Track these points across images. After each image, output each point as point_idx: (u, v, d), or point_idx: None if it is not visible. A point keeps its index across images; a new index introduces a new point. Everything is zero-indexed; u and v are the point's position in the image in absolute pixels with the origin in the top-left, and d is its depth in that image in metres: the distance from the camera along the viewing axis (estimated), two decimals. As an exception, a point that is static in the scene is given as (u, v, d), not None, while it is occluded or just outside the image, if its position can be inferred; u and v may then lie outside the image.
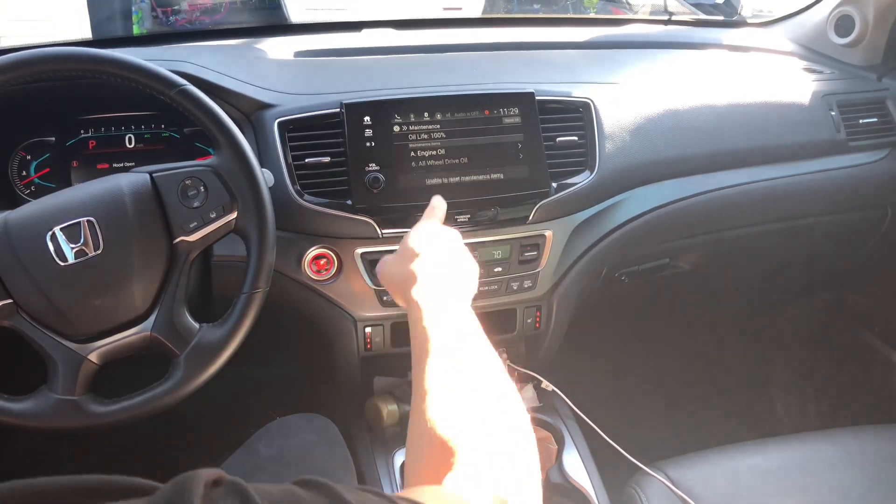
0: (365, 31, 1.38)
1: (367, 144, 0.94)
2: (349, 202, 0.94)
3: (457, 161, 0.96)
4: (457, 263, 0.74)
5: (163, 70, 0.79)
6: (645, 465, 1.00)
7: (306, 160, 0.94)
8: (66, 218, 0.74)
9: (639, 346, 1.74)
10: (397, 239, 0.96)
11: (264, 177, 0.81)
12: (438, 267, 0.72)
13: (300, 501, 0.35)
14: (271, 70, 1.13)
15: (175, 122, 1.07)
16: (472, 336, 0.65)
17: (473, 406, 0.57)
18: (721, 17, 1.71)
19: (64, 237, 0.73)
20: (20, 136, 1.03)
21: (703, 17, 1.72)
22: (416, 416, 0.57)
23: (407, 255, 0.75)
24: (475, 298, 1.01)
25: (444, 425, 0.54)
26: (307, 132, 0.96)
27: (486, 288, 1.01)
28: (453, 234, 0.79)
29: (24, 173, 1.04)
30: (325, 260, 0.97)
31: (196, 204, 0.78)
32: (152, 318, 0.77)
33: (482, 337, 0.65)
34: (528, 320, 1.07)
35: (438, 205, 0.85)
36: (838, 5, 1.41)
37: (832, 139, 1.25)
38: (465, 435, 0.54)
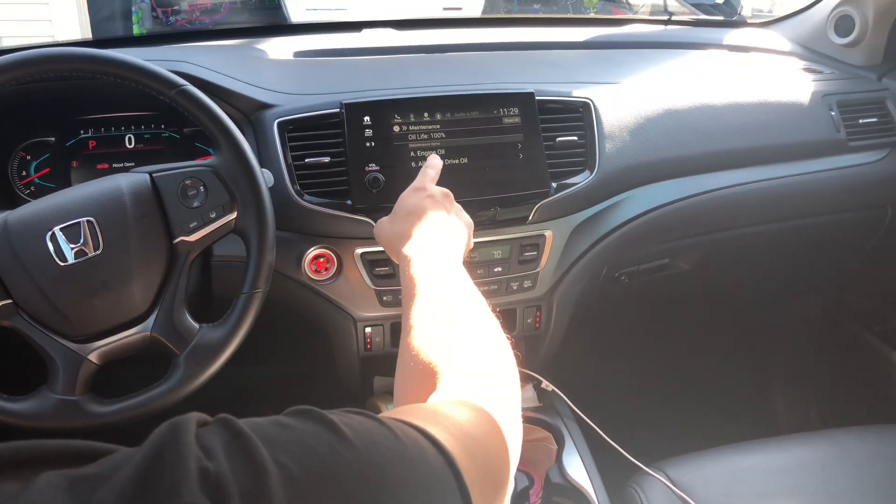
0: (365, 31, 1.38)
1: (367, 144, 0.94)
2: (349, 202, 0.94)
3: (457, 161, 0.96)
4: (447, 219, 0.77)
5: (163, 70, 0.79)
6: (645, 465, 1.00)
7: (306, 160, 0.94)
8: (66, 218, 0.74)
9: (639, 346, 1.74)
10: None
11: (264, 177, 0.81)
12: (429, 224, 0.75)
13: (288, 427, 0.36)
14: (271, 70, 1.13)
15: (175, 122, 1.07)
16: (457, 279, 0.67)
17: (455, 332, 0.60)
18: (721, 17, 1.71)
19: (64, 237, 0.73)
20: (20, 136, 1.03)
21: (702, 17, 1.72)
22: (402, 348, 0.60)
23: (399, 213, 0.78)
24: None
25: (426, 350, 0.58)
26: (307, 132, 0.96)
27: (486, 288, 1.01)
28: (444, 192, 0.81)
29: (24, 173, 1.04)
30: (324, 260, 0.97)
31: (196, 204, 0.78)
32: (152, 318, 0.77)
33: (468, 280, 0.68)
34: (528, 320, 1.07)
35: (432, 163, 0.87)
36: (838, 5, 1.41)
37: (832, 139, 1.25)
38: (447, 357, 0.57)
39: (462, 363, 0.57)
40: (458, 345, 0.59)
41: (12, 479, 0.29)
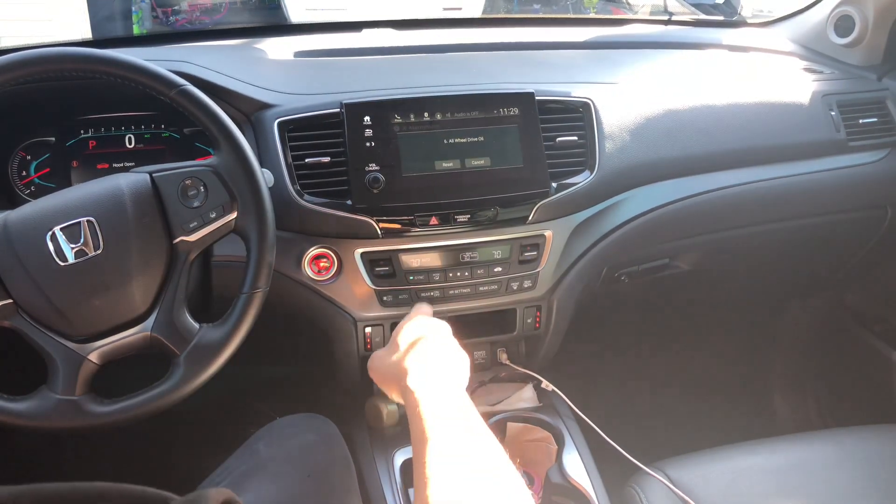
0: (365, 31, 1.38)
1: (367, 144, 0.94)
2: (349, 202, 0.94)
3: (456, 161, 0.96)
4: (448, 353, 0.76)
5: (163, 70, 0.79)
6: (645, 465, 1.00)
7: (306, 160, 0.94)
8: (66, 218, 0.74)
9: (639, 346, 1.74)
10: (397, 239, 0.96)
11: (264, 177, 0.81)
12: (431, 357, 0.74)
13: None
14: (271, 70, 1.13)
15: (175, 122, 1.07)
16: (470, 422, 0.65)
17: (473, 493, 0.57)
18: (721, 17, 1.71)
19: (64, 237, 0.73)
20: (20, 136, 1.03)
21: (703, 17, 1.72)
22: (419, 501, 0.57)
23: (399, 347, 0.77)
24: (475, 299, 1.02)
25: None
26: (307, 132, 0.96)
27: (486, 288, 1.01)
28: (442, 325, 0.81)
29: (24, 173, 1.04)
30: (325, 260, 0.97)
31: (196, 204, 0.78)
32: (152, 318, 0.77)
33: (480, 422, 0.66)
34: (528, 320, 1.07)
35: (422, 307, 0.89)
36: (838, 5, 1.41)
37: (832, 139, 1.25)
38: None
39: None
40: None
41: None
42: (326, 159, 0.95)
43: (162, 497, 0.31)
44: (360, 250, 0.96)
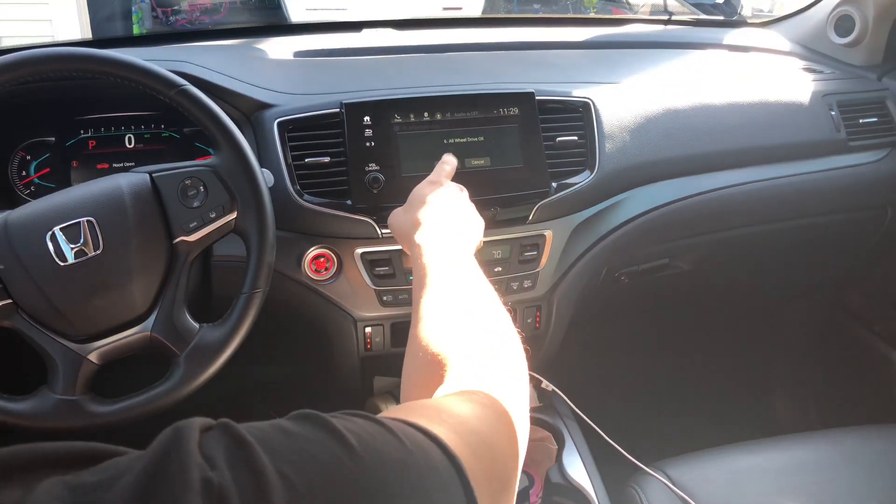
0: (365, 31, 1.38)
1: (367, 144, 0.94)
2: (349, 202, 0.94)
3: (456, 161, 0.96)
4: (460, 214, 0.78)
5: (163, 70, 0.79)
6: (645, 465, 1.00)
7: (306, 160, 0.94)
8: (66, 218, 0.74)
9: (639, 346, 1.74)
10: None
11: (264, 177, 0.81)
12: (442, 215, 0.75)
13: (290, 434, 0.36)
14: (271, 70, 1.13)
15: (175, 122, 1.07)
16: (469, 272, 0.67)
17: (465, 326, 0.60)
18: (721, 17, 1.71)
19: (64, 237, 0.73)
20: (20, 136, 1.03)
21: (703, 17, 1.72)
22: (412, 338, 0.60)
23: (414, 203, 0.79)
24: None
25: (435, 342, 0.57)
26: (307, 132, 0.96)
27: (486, 288, 1.01)
28: (459, 188, 0.82)
29: (24, 173, 1.04)
30: (324, 260, 0.97)
31: (196, 204, 0.78)
32: (152, 318, 0.77)
33: (480, 274, 0.68)
34: (528, 320, 1.07)
35: (449, 160, 0.88)
36: (838, 5, 1.41)
37: (832, 139, 1.25)
38: (455, 349, 0.56)
39: (470, 356, 0.57)
40: (468, 338, 0.59)
41: (11, 485, 0.29)
42: (326, 159, 0.95)
43: (98, 451, 0.32)
44: (360, 250, 0.96)
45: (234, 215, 0.79)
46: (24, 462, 0.30)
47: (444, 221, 0.74)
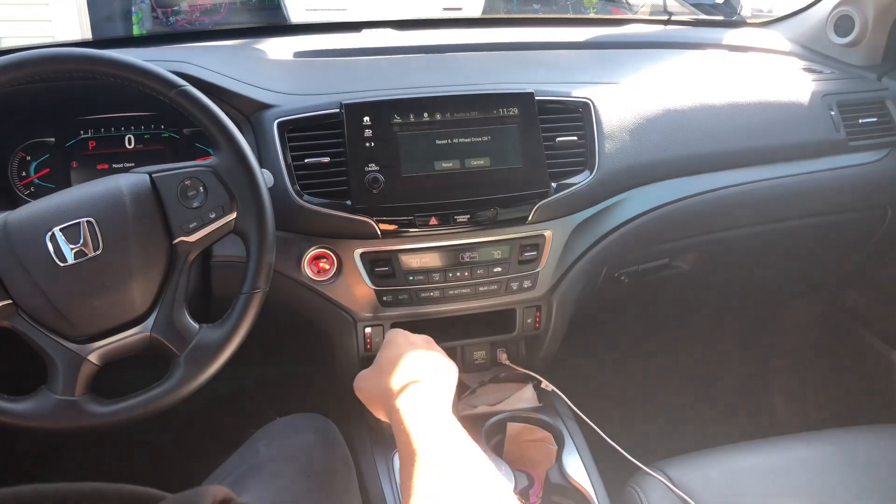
0: (365, 32, 1.38)
1: (367, 144, 0.94)
2: (349, 202, 0.94)
3: (456, 161, 0.96)
4: (433, 369, 0.76)
5: (162, 70, 0.79)
6: (645, 465, 1.00)
7: (306, 160, 0.94)
8: (66, 218, 0.74)
9: (639, 346, 1.74)
10: (397, 239, 0.96)
11: (264, 177, 0.81)
12: (416, 374, 0.74)
13: None
14: (271, 70, 1.13)
15: (175, 123, 1.07)
16: (456, 439, 0.66)
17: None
18: (721, 17, 1.71)
19: (63, 238, 0.73)
20: (20, 137, 1.03)
21: (702, 17, 1.72)
22: None
23: (384, 367, 0.77)
24: (475, 299, 1.02)
25: None
26: (307, 132, 0.96)
27: (486, 288, 1.01)
28: (426, 340, 0.81)
29: (24, 174, 1.04)
30: (324, 260, 0.97)
31: (195, 204, 0.78)
32: (152, 318, 0.77)
33: (466, 438, 0.66)
34: (528, 320, 1.07)
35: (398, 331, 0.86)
36: (838, 5, 1.41)
37: (832, 139, 1.25)
38: None
39: None
40: None
41: None
42: (326, 159, 0.95)
43: (157, 496, 0.31)
44: (360, 250, 0.96)
45: (233, 216, 0.79)
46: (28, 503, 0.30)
47: (418, 383, 0.73)
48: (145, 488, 0.32)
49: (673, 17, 1.62)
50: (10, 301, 0.73)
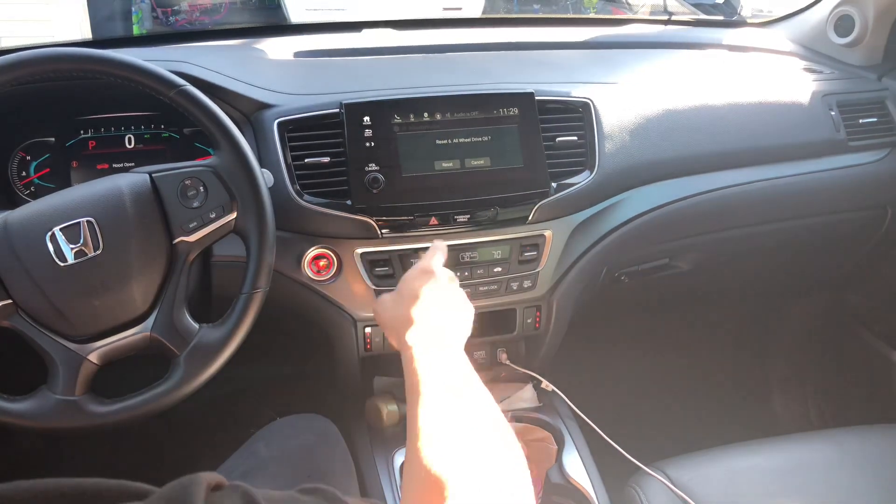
0: (365, 32, 1.38)
1: (367, 144, 0.94)
2: (349, 202, 0.94)
3: (456, 161, 0.96)
4: (452, 307, 0.76)
5: (162, 70, 0.79)
6: (645, 465, 1.00)
7: (306, 160, 0.94)
8: (66, 218, 0.74)
9: (639, 346, 1.74)
10: (397, 239, 0.96)
11: (264, 177, 0.81)
12: (433, 311, 0.74)
13: None
14: (271, 70, 1.13)
15: (175, 123, 1.07)
16: (464, 377, 0.66)
17: (466, 445, 0.58)
18: (721, 17, 1.71)
19: (63, 237, 0.73)
20: (20, 137, 1.03)
21: (703, 17, 1.72)
22: (410, 456, 0.58)
23: (404, 297, 0.76)
24: (475, 299, 1.02)
25: (436, 465, 0.55)
26: (307, 132, 0.96)
27: (486, 288, 1.01)
28: (451, 277, 0.80)
29: (24, 173, 1.04)
30: (324, 260, 0.97)
31: (196, 204, 0.78)
32: (152, 318, 0.77)
33: (475, 377, 0.67)
34: (528, 320, 1.07)
35: (440, 247, 0.85)
36: (838, 5, 1.41)
37: (832, 139, 1.25)
38: (458, 474, 0.55)
39: (472, 478, 0.55)
40: (468, 457, 0.57)
41: None
42: (326, 159, 0.95)
43: (144, 490, 0.32)
44: (360, 250, 0.96)
45: (233, 215, 0.79)
46: (25, 499, 0.30)
47: (436, 319, 0.73)
48: (143, 484, 0.32)
49: (673, 17, 1.62)
50: (10, 301, 0.73)
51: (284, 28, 1.65)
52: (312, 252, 0.96)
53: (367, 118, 0.94)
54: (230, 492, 0.33)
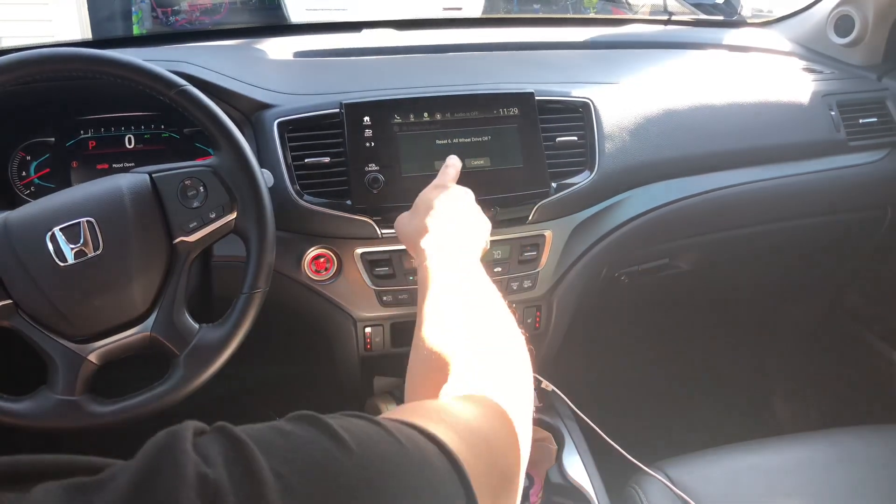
0: (365, 32, 1.38)
1: (367, 144, 0.94)
2: (349, 202, 0.94)
3: (460, 163, 0.96)
4: (466, 218, 0.78)
5: (162, 70, 0.79)
6: (645, 465, 1.00)
7: (306, 160, 0.94)
8: (66, 218, 0.74)
9: (639, 346, 1.74)
10: (397, 239, 0.96)
11: (264, 177, 0.81)
12: (448, 220, 0.76)
13: (286, 434, 0.36)
14: (271, 70, 1.13)
15: (175, 123, 1.07)
16: (474, 275, 0.69)
17: (469, 326, 0.60)
18: (721, 17, 1.71)
19: (63, 237, 0.73)
20: (20, 137, 1.03)
21: (703, 17, 1.71)
22: (416, 339, 0.60)
23: (420, 209, 0.79)
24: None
25: (439, 342, 0.58)
26: (307, 132, 0.96)
27: (486, 288, 1.01)
28: (465, 191, 0.82)
29: (24, 174, 1.04)
30: (324, 260, 0.97)
31: (196, 204, 0.78)
32: (152, 318, 0.77)
33: (485, 277, 0.69)
34: (528, 320, 1.07)
35: (453, 163, 0.88)
36: (838, 5, 1.41)
37: (832, 139, 1.25)
38: (460, 350, 0.57)
39: (474, 356, 0.57)
40: (472, 338, 0.59)
41: (10, 491, 0.29)
42: (326, 159, 0.95)
43: (96, 464, 0.32)
44: (360, 250, 0.96)
45: (233, 215, 0.79)
46: (24, 472, 0.30)
47: (450, 226, 0.75)
48: (96, 458, 0.33)
49: (673, 17, 1.62)
50: (10, 301, 0.73)
51: (284, 28, 1.65)
52: (312, 252, 0.96)
53: (367, 118, 0.94)
54: (215, 434, 0.34)
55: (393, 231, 0.95)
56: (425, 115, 0.96)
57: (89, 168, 1.04)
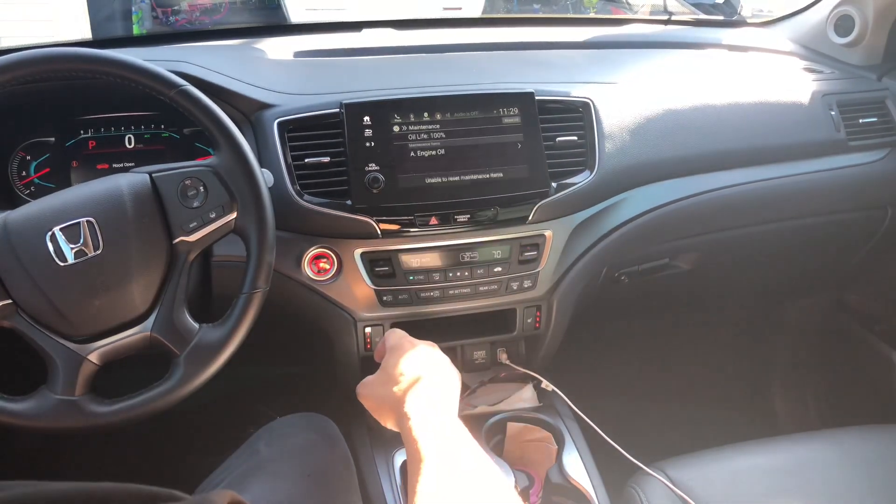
0: (365, 31, 1.38)
1: (367, 144, 0.94)
2: (349, 202, 0.94)
3: (456, 161, 0.96)
4: (439, 377, 0.76)
5: (162, 70, 0.79)
6: (645, 465, 1.00)
7: (306, 160, 0.94)
8: (66, 218, 0.74)
9: (639, 346, 1.74)
10: (397, 239, 0.96)
11: (264, 177, 0.81)
12: (423, 383, 0.74)
13: None
14: (271, 70, 1.13)
15: (175, 123, 1.07)
16: (463, 443, 0.67)
17: None
18: (721, 17, 1.71)
19: (63, 237, 0.73)
20: (20, 137, 1.03)
21: (703, 17, 1.72)
22: None
23: (392, 375, 0.76)
24: (475, 299, 1.02)
25: None
26: (307, 132, 0.96)
27: (487, 288, 1.01)
28: (430, 344, 0.81)
29: (24, 173, 1.04)
30: (324, 260, 0.97)
31: (196, 204, 0.78)
32: (152, 318, 0.77)
33: (473, 443, 0.68)
34: (528, 320, 1.07)
35: (393, 331, 0.86)
36: (838, 5, 1.41)
37: (832, 139, 1.25)
38: None
39: None
40: None
41: None
42: (326, 159, 0.95)
43: (171, 495, 0.31)
44: (360, 250, 0.96)
45: (233, 215, 0.79)
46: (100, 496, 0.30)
47: (425, 390, 0.73)
48: (151, 487, 0.32)
49: (673, 17, 1.62)
50: (10, 301, 0.73)
51: (284, 28, 1.65)
52: (312, 252, 0.96)
53: (367, 118, 0.94)
54: None
55: (393, 231, 0.95)
56: (425, 114, 0.96)
57: (89, 168, 1.04)
